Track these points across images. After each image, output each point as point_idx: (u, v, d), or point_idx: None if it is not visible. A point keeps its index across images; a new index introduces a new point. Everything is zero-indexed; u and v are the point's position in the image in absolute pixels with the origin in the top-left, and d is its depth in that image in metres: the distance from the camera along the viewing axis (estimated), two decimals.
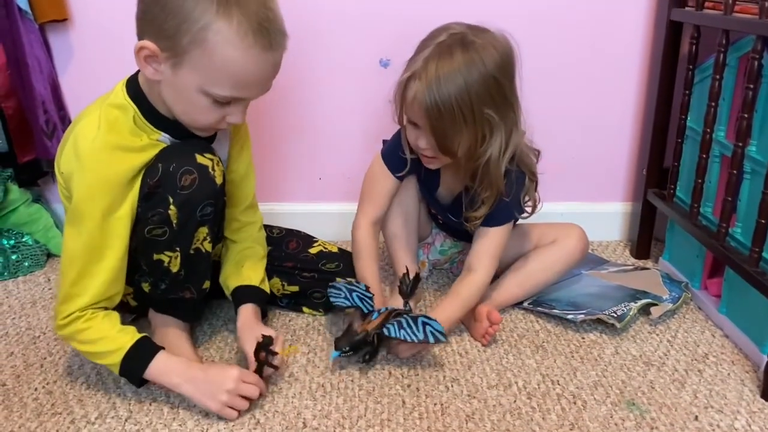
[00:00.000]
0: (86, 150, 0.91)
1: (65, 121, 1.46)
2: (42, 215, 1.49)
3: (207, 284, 1.07)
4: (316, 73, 1.46)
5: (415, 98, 1.04)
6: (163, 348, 0.99)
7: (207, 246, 1.03)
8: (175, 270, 1.00)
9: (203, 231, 1.00)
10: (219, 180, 1.00)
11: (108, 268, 0.96)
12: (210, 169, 0.98)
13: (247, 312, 1.09)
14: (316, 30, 1.42)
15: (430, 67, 1.02)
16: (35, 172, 1.48)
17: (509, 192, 1.14)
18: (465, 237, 1.33)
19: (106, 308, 0.99)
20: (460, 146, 1.07)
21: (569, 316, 1.20)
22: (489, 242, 1.19)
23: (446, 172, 1.22)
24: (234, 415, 0.96)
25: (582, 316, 1.19)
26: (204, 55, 0.87)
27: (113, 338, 0.97)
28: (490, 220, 1.17)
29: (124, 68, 1.01)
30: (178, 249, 0.99)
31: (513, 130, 1.09)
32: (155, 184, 0.95)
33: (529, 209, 1.21)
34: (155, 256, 0.99)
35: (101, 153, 0.92)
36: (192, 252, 1.01)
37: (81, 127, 0.94)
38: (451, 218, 1.26)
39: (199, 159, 0.97)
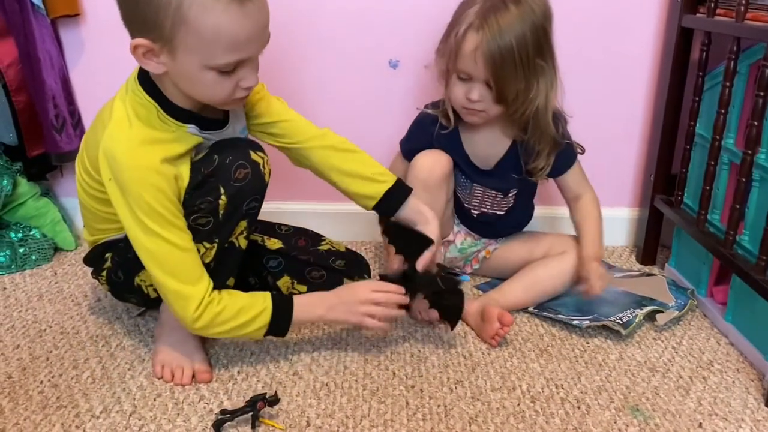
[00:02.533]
0: (124, 152, 0.92)
1: (74, 115, 1.47)
2: (50, 209, 1.50)
3: (232, 281, 1.07)
4: (325, 73, 1.47)
5: (476, 48, 1.10)
6: (291, 296, 1.05)
7: (242, 241, 1.04)
8: (207, 261, 1.01)
9: (243, 225, 1.02)
10: (267, 178, 1.03)
11: (194, 247, 0.98)
12: (261, 166, 1.01)
13: (415, 201, 1.13)
14: (325, 31, 1.42)
15: (490, 18, 1.09)
16: (44, 166, 1.50)
17: (563, 135, 1.23)
18: (490, 234, 1.36)
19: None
20: (514, 94, 1.13)
21: (575, 322, 1.20)
22: (574, 179, 1.29)
23: (475, 135, 1.26)
24: (378, 324, 1.06)
25: (587, 322, 1.19)
26: (189, 32, 0.87)
27: (251, 305, 1.01)
28: (561, 167, 1.27)
29: (135, 64, 1.01)
30: (216, 241, 1.01)
31: (554, 79, 1.17)
32: (209, 173, 0.97)
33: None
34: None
35: (140, 149, 0.93)
36: (227, 245, 1.02)
37: (112, 131, 0.94)
38: (498, 182, 1.29)
39: (253, 155, 1.01)
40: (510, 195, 1.31)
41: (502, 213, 1.33)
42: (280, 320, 1.02)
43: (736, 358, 1.15)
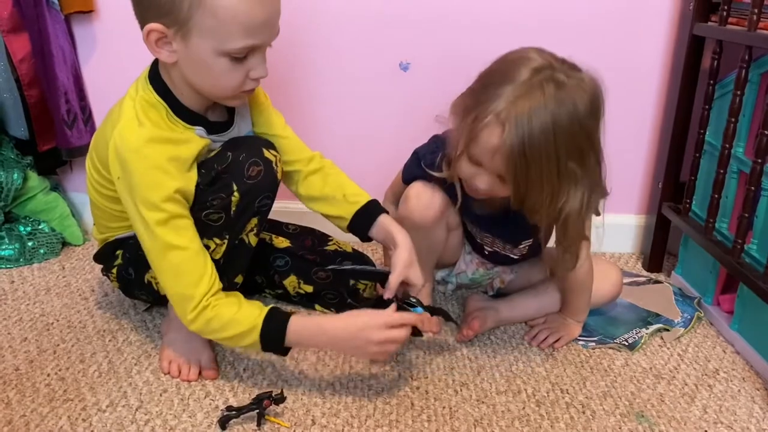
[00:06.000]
0: (133, 150, 0.92)
1: (85, 111, 1.48)
2: (59, 204, 1.51)
3: (240, 279, 1.08)
4: (335, 75, 1.47)
5: (498, 148, 0.92)
6: (291, 313, 0.98)
7: (252, 239, 1.05)
8: (217, 257, 1.01)
9: (254, 222, 1.03)
10: (279, 176, 1.05)
11: (199, 248, 0.97)
12: (273, 164, 1.02)
13: (386, 222, 1.08)
14: (336, 33, 1.43)
15: (521, 106, 0.90)
16: (54, 161, 1.50)
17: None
18: (505, 261, 1.24)
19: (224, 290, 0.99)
20: (536, 200, 0.96)
21: (580, 343, 1.20)
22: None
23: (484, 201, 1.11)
24: (387, 358, 1.09)
25: (593, 344, 1.19)
26: (207, 14, 0.87)
27: (239, 320, 0.96)
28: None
29: (147, 61, 1.02)
30: (227, 237, 1.01)
31: (596, 187, 1.00)
32: (222, 170, 0.98)
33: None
34: (204, 241, 1.00)
35: (148, 148, 0.93)
36: (237, 242, 1.03)
37: (122, 130, 0.94)
38: (508, 233, 1.17)
39: (266, 153, 1.02)
40: (522, 245, 1.19)
41: (515, 257, 1.22)
42: (272, 343, 0.97)
43: (742, 367, 1.15)
